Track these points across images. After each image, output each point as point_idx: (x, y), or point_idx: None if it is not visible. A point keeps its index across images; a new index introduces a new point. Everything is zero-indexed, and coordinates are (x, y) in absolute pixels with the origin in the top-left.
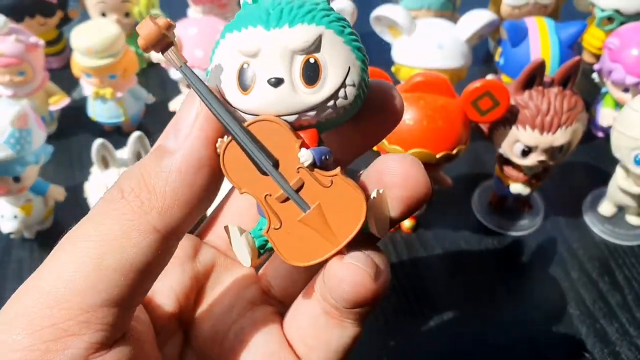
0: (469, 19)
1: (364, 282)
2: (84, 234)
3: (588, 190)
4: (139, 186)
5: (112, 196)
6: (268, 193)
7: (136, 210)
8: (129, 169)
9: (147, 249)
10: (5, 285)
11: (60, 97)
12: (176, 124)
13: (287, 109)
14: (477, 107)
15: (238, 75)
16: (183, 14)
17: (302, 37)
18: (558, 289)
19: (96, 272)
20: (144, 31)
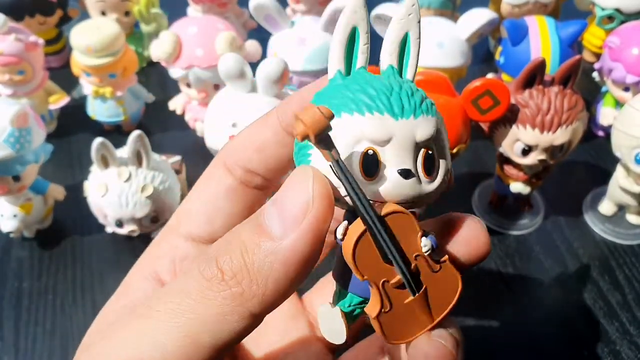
0: (469, 18)
1: (446, 358)
2: (181, 308)
3: (588, 189)
4: (240, 272)
5: (211, 275)
6: (386, 279)
7: (237, 297)
8: (227, 243)
9: (241, 331)
10: (5, 284)
11: (59, 96)
12: (283, 205)
13: (411, 198)
14: (478, 106)
15: (362, 161)
16: (183, 12)
17: (427, 130)
18: (558, 288)
19: (191, 348)
20: (309, 120)
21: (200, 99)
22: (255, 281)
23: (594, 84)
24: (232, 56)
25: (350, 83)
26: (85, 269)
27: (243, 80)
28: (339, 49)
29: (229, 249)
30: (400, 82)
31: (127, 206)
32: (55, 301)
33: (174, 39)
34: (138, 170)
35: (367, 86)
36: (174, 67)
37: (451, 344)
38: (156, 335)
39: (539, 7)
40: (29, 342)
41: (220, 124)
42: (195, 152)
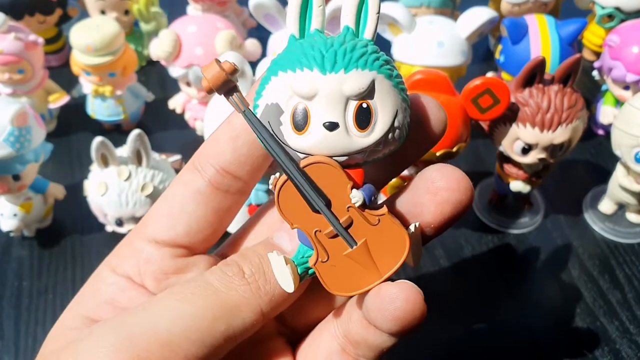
0: (469, 17)
1: (416, 300)
2: (205, 293)
3: (588, 188)
4: (259, 273)
5: (233, 272)
6: (318, 229)
7: (254, 291)
8: (245, 254)
9: (249, 325)
10: (5, 283)
11: (59, 95)
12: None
13: (340, 151)
14: (478, 104)
15: (292, 116)
16: (182, 11)
17: (357, 83)
18: (558, 286)
19: (209, 330)
20: (209, 74)
21: (200, 98)
22: (269, 282)
23: (594, 83)
24: (232, 55)
25: (297, 45)
26: (85, 268)
27: (243, 79)
28: (293, 12)
29: (248, 258)
30: (346, 40)
31: (127, 205)
32: (55, 300)
33: (174, 38)
34: (138, 169)
35: (308, 46)
36: (174, 66)
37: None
38: (178, 311)
39: (539, 5)
40: (29, 341)
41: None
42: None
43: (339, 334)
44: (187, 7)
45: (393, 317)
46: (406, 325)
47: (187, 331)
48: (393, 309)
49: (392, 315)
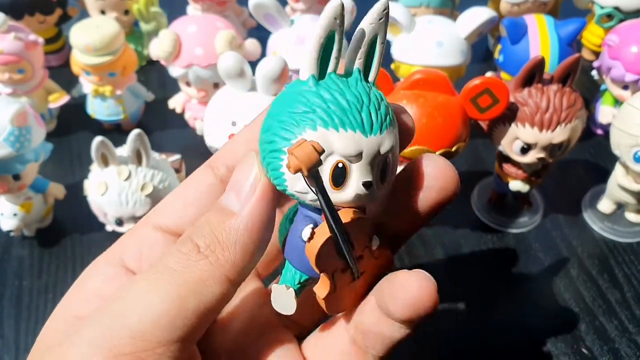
0: (468, 17)
1: (429, 288)
2: (167, 277)
3: (587, 187)
4: (213, 243)
5: (188, 249)
6: (336, 270)
7: (213, 263)
8: (198, 226)
9: (220, 295)
10: (5, 283)
11: (59, 95)
12: (236, 185)
13: (364, 203)
14: (477, 104)
15: (332, 173)
16: (182, 11)
17: (390, 142)
18: (557, 286)
19: (178, 311)
20: (301, 154)
21: (199, 98)
22: (226, 248)
23: (593, 82)
24: (231, 55)
25: (323, 90)
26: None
27: (243, 79)
28: (315, 52)
29: (199, 229)
30: (367, 91)
31: (127, 205)
32: (56, 299)
33: (174, 38)
34: (138, 168)
35: (340, 97)
36: (174, 65)
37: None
38: (146, 300)
39: (538, 5)
40: (30, 341)
41: (220, 123)
42: (195, 151)
43: (350, 327)
44: (186, 7)
45: (406, 304)
46: (419, 313)
47: (156, 317)
48: (406, 296)
49: (405, 302)
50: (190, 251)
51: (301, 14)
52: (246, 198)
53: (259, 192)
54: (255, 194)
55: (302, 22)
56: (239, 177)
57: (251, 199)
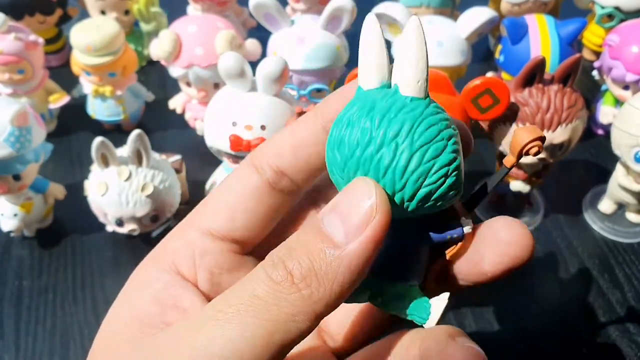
0: (469, 17)
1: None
2: (253, 309)
3: (588, 187)
4: (309, 276)
5: (281, 278)
6: None
7: (306, 298)
8: (292, 249)
9: (306, 331)
10: (5, 283)
11: (59, 95)
12: (345, 213)
13: None
14: (477, 104)
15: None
16: (182, 11)
17: None
18: (558, 286)
19: (263, 348)
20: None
21: (200, 98)
22: (322, 284)
23: (594, 83)
24: (232, 55)
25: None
26: (86, 267)
27: (243, 79)
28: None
29: (294, 255)
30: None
31: (127, 205)
32: (56, 300)
33: (174, 38)
34: (138, 169)
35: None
36: (174, 66)
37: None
38: (228, 334)
39: (539, 5)
40: (30, 341)
41: (220, 123)
42: (195, 151)
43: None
44: (187, 7)
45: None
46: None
47: (240, 352)
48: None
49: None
50: (283, 281)
51: (301, 14)
52: (355, 232)
53: (372, 229)
54: (366, 230)
55: (303, 22)
56: (351, 202)
57: (361, 236)
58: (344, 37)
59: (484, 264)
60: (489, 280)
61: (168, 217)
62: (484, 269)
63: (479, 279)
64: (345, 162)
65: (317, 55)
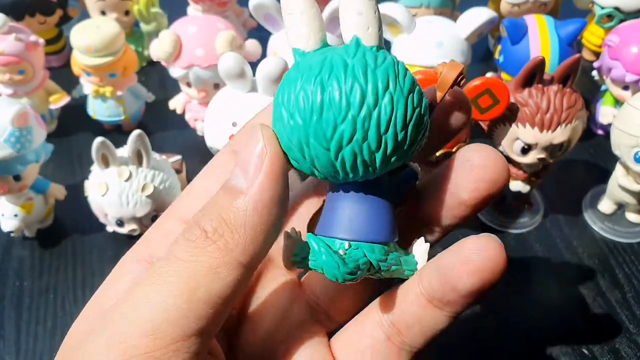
0: (469, 17)
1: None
2: (175, 268)
3: (588, 187)
4: (221, 226)
5: (195, 236)
6: None
7: (222, 248)
8: (205, 209)
9: (232, 282)
10: (6, 283)
11: (60, 96)
12: (242, 161)
13: None
14: (477, 104)
15: None
16: (183, 12)
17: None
18: (558, 286)
19: (189, 304)
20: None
21: (200, 99)
22: (235, 231)
23: (594, 83)
24: (232, 55)
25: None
26: (86, 268)
27: (243, 79)
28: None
29: (207, 213)
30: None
31: (128, 205)
32: (56, 300)
33: (174, 39)
34: (138, 169)
35: None
36: (174, 66)
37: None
38: (155, 295)
39: (538, 5)
40: (30, 341)
41: (221, 124)
42: (196, 152)
43: (385, 322)
44: (187, 7)
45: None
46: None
47: (167, 313)
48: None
49: (473, 268)
50: (197, 238)
51: None
52: (253, 175)
53: (266, 167)
54: (262, 167)
55: None
56: (245, 152)
57: (258, 176)
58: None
59: (460, 193)
60: (471, 211)
61: None
62: (461, 197)
63: (460, 212)
64: (334, 126)
65: None
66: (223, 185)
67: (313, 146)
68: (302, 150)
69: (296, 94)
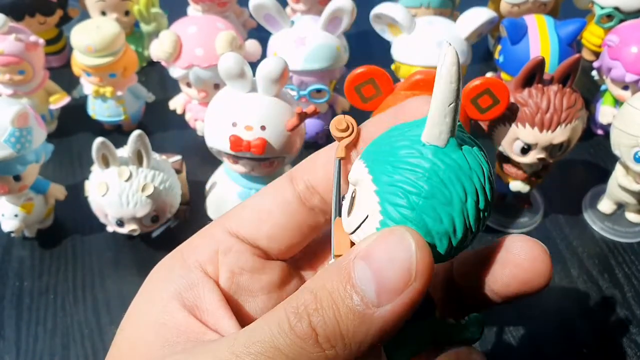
0: (469, 17)
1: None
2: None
3: (588, 187)
4: (334, 337)
5: (304, 334)
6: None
7: (330, 359)
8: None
9: None
10: (6, 283)
11: (60, 96)
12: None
13: None
14: (477, 104)
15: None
16: (183, 12)
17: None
18: (557, 286)
19: None
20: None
21: (200, 99)
22: (348, 347)
23: (593, 83)
24: (232, 56)
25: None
26: (86, 268)
27: (243, 79)
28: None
29: (319, 307)
30: None
31: (128, 205)
32: (57, 300)
33: (174, 39)
34: (138, 169)
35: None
36: (174, 66)
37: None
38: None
39: (538, 5)
40: (30, 341)
41: (221, 124)
42: (196, 152)
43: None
44: (187, 7)
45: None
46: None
47: None
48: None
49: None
50: (306, 337)
51: (301, 15)
52: (390, 295)
53: (409, 295)
54: (402, 298)
55: (302, 23)
56: (387, 259)
57: (395, 301)
58: (344, 37)
59: (490, 282)
60: (499, 300)
61: (168, 217)
62: (490, 286)
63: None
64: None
65: (317, 56)
66: (343, 273)
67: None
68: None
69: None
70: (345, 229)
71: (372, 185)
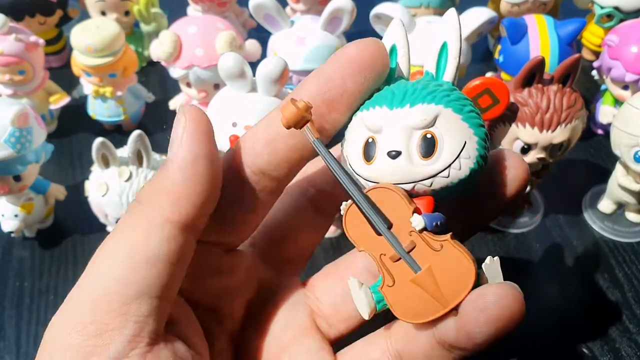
0: (468, 17)
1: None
2: (115, 240)
3: (587, 187)
4: (152, 193)
5: (132, 207)
6: (383, 253)
7: (153, 210)
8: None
9: (166, 239)
10: (6, 283)
11: (60, 96)
12: (171, 141)
13: (403, 178)
14: (477, 104)
15: (364, 148)
16: (183, 12)
17: (420, 115)
18: (557, 286)
19: (127, 266)
20: (286, 113)
21: (200, 99)
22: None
23: (593, 82)
24: (232, 56)
25: (382, 90)
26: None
27: (243, 79)
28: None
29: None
30: (424, 82)
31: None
32: (57, 300)
33: (174, 39)
34: (139, 169)
35: (388, 90)
36: (174, 66)
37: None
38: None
39: (538, 5)
40: (31, 342)
41: (221, 124)
42: None
43: (392, 350)
44: (187, 7)
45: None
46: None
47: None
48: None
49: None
50: (133, 208)
51: (301, 15)
52: (177, 146)
53: (186, 133)
54: (183, 138)
55: (302, 22)
56: (173, 132)
57: (181, 144)
58: (344, 37)
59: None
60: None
61: None
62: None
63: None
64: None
65: (317, 56)
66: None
67: None
68: None
69: None
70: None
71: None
